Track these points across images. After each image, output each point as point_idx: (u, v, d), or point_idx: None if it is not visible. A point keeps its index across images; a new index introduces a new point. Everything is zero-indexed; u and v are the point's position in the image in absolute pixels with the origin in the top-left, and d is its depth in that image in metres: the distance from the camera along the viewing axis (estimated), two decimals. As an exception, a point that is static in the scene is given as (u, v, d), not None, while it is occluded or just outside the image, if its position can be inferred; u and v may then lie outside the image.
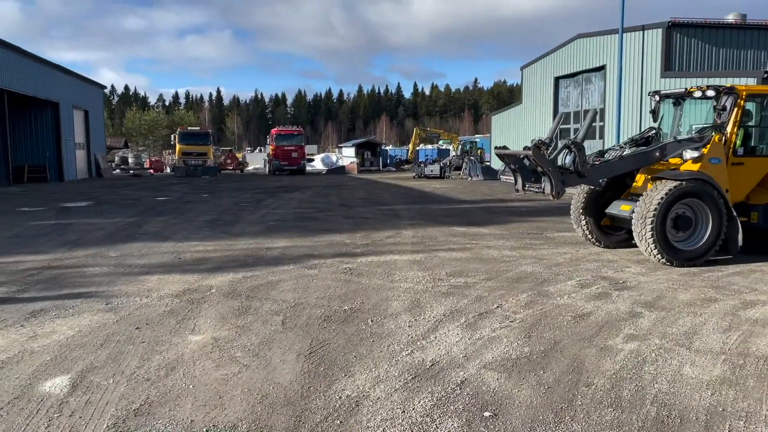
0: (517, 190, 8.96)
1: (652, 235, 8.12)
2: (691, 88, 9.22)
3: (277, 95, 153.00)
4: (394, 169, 46.52)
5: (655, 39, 24.42)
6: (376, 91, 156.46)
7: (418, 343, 5.20)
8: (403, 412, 3.91)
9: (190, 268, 8.41)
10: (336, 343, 5.21)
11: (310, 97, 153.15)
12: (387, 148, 61.69)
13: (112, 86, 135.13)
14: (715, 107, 8.83)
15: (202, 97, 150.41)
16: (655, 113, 9.78)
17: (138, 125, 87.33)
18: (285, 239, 10.96)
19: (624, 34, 23.10)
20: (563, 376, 4.50)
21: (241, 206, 17.40)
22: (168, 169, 48.20)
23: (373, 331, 5.55)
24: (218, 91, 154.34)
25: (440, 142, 57.43)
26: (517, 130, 35.91)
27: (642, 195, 8.50)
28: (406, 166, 46.37)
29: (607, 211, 9.30)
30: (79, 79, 36.54)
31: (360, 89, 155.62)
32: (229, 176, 39.09)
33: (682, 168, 8.62)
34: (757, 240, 9.08)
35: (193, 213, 15.55)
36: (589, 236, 9.81)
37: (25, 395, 4.13)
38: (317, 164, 51.22)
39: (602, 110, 26.91)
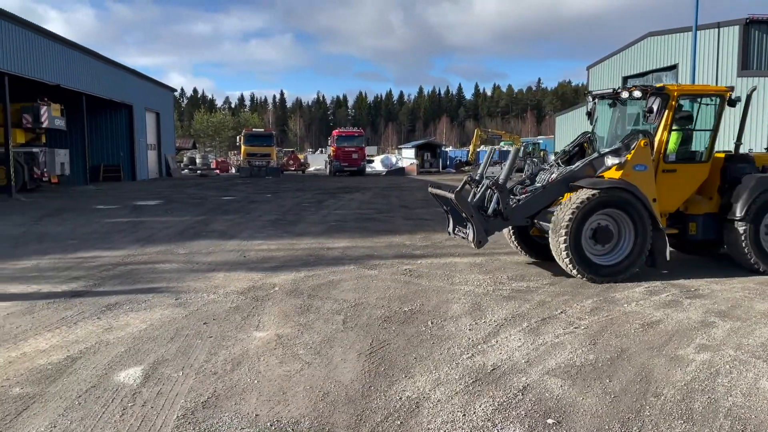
0: (449, 233, 8.42)
1: (565, 248, 7.32)
2: (619, 88, 8.45)
3: (338, 97, 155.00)
4: (454, 171, 46.24)
5: (731, 36, 23.32)
6: (437, 92, 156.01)
7: (479, 347, 5.16)
8: (464, 415, 3.88)
9: (254, 266, 8.63)
10: (396, 344, 5.22)
11: (370, 98, 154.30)
12: (447, 149, 61.34)
13: (182, 89, 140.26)
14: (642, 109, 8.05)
15: (266, 100, 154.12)
16: (590, 115, 8.95)
17: (205, 127, 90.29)
18: (345, 239, 11.08)
19: (698, 32, 22.15)
20: (630, 386, 4.36)
21: (303, 206, 17.71)
22: (233, 170, 49.60)
23: (433, 333, 5.54)
24: (281, 94, 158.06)
25: (501, 144, 56.69)
26: (582, 130, 35.05)
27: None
28: (466, 168, 45.99)
29: (535, 220, 8.12)
30: (151, 83, 38.12)
31: (420, 90, 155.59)
32: (291, 177, 39.85)
33: (607, 176, 7.79)
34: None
35: (257, 212, 15.94)
36: (517, 247, 9.04)
37: (101, 384, 4.34)
38: (377, 165, 51.53)
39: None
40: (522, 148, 9.27)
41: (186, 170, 48.46)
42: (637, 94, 7.96)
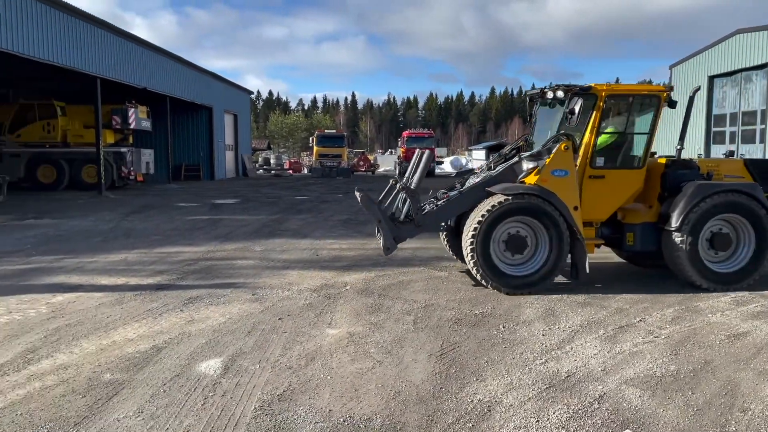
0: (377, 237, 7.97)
1: (473, 255, 6.95)
2: (546, 87, 7.81)
3: (408, 98, 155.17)
4: (526, 173, 45.32)
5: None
6: (509, 92, 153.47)
7: (553, 353, 5.06)
8: (537, 421, 3.82)
9: (326, 264, 8.80)
10: (467, 347, 5.20)
11: (441, 99, 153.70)
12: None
13: (258, 92, 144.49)
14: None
15: (337, 101, 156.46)
16: (530, 117, 8.34)
17: (280, 128, 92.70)
18: (415, 241, 11.06)
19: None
20: (715, 399, 4.16)
21: (374, 207, 17.84)
22: (305, 170, 50.68)
23: (505, 337, 5.47)
24: (353, 95, 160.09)
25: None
26: (663, 133, 33.59)
27: None
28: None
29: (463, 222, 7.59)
30: (230, 85, 39.51)
31: (492, 91, 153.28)
32: (362, 177, 40.28)
33: (527, 181, 7.28)
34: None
35: (329, 212, 16.24)
36: (448, 248, 8.65)
37: (184, 374, 4.55)
38: (446, 167, 51.26)
39: (764, 111, 24.40)
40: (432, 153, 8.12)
41: (261, 170, 49.90)
42: (559, 94, 7.50)
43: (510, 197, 6.95)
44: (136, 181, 25.97)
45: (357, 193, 7.67)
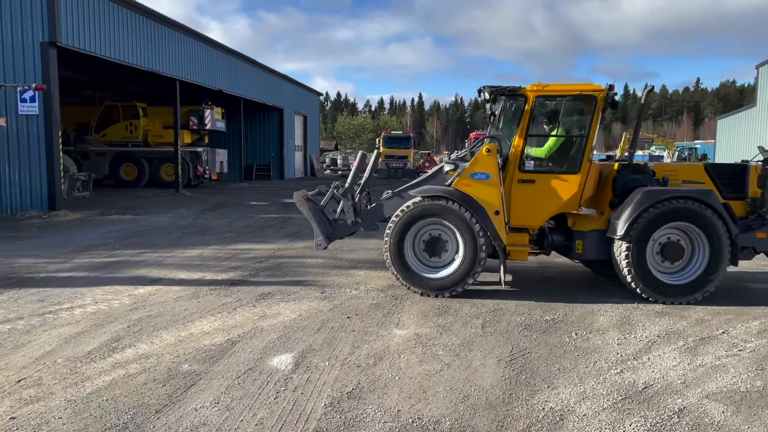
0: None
1: (388, 255, 6.94)
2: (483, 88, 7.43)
3: (476, 99, 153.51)
4: (598, 176, 43.95)
5: None
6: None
7: (629, 363, 4.88)
8: (612, 433, 3.70)
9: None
10: (537, 353, 5.10)
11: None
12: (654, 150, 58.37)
13: (326, 93, 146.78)
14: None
15: (404, 102, 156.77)
16: (491, 117, 7.90)
17: (347, 129, 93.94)
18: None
19: None
20: (808, 421, 3.89)
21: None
22: (372, 171, 50.95)
23: (578, 345, 5.33)
24: (420, 96, 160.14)
25: (652, 148, 53.03)
26: (748, 136, 31.80)
27: None
28: (611, 173, 43.60)
29: None
30: (300, 87, 40.35)
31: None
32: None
33: (453, 184, 7.09)
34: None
35: (395, 213, 16.28)
36: None
37: (257, 367, 4.68)
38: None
39: None
40: (376, 158, 8.03)
41: (328, 170, 50.69)
42: (486, 95, 7.25)
43: (423, 199, 6.96)
44: (210, 179, 26.94)
45: (294, 193, 7.83)
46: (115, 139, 25.67)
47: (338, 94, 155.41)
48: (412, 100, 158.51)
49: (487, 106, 7.81)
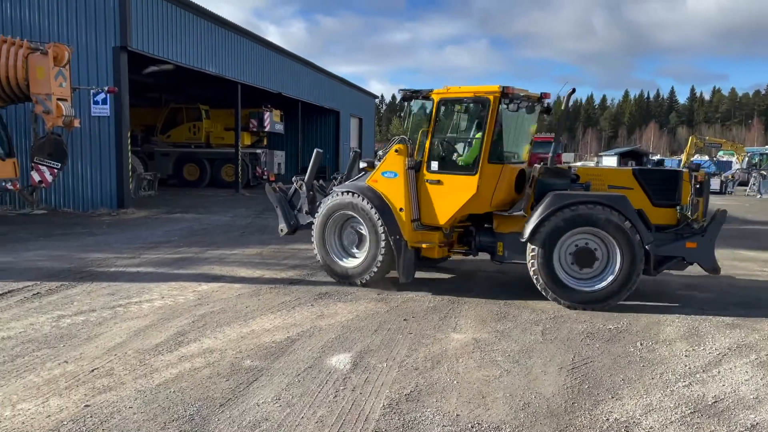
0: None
1: (315, 247, 7.82)
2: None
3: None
4: (661, 182, 42.43)
5: None
6: (645, 96, 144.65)
7: (697, 376, 4.69)
8: (681, 448, 3.56)
9: (449, 267, 8.78)
10: (601, 362, 4.96)
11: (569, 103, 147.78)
12: (654, 157, 56.57)
13: (382, 96, 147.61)
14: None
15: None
16: (409, 117, 8.01)
17: (401, 132, 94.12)
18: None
19: None
20: None
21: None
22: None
23: (643, 355, 5.16)
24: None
25: (720, 153, 50.86)
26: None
27: None
28: (675, 179, 42.01)
29: None
30: (356, 90, 40.66)
31: (626, 95, 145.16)
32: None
33: (367, 181, 7.63)
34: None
35: (451, 216, 16.19)
36: None
37: (317, 366, 4.75)
38: (573, 173, 49.13)
39: None
40: (318, 158, 8.69)
41: (383, 173, 50.79)
42: (398, 97, 7.64)
43: (338, 194, 7.60)
44: (268, 180, 27.50)
45: (266, 185, 8.86)
46: (179, 141, 26.54)
47: (393, 97, 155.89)
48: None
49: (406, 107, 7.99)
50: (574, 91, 7.64)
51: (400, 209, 7.27)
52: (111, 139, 15.64)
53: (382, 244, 7.23)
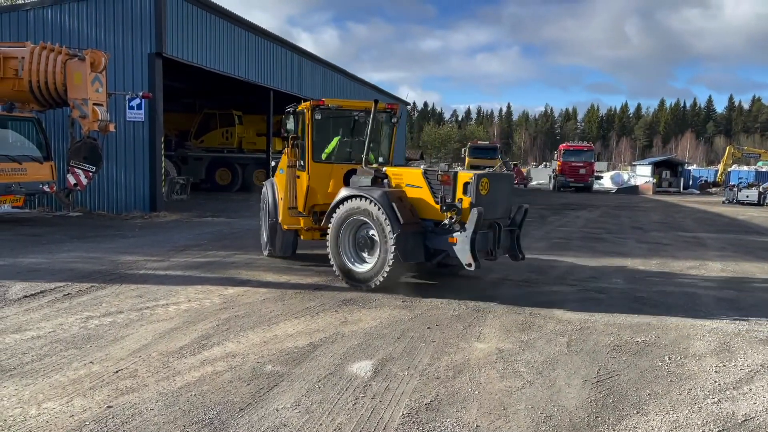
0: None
1: None
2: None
3: (567, 110, 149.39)
4: (698, 192, 41.55)
5: None
6: (681, 104, 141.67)
7: (728, 393, 4.55)
8: (708, 468, 3.45)
9: (474, 276, 8.70)
10: (627, 376, 4.85)
11: (602, 111, 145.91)
12: (690, 168, 55.39)
13: (414, 103, 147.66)
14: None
15: (492, 112, 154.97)
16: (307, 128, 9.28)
17: (433, 139, 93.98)
18: (570, 258, 10.63)
19: None
20: None
21: (526, 221, 17.36)
22: (457, 181, 50.63)
23: (671, 370, 5.02)
24: (508, 107, 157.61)
25: (759, 163, 49.52)
26: None
27: None
28: (712, 189, 41.08)
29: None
30: (389, 97, 40.79)
31: (662, 103, 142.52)
32: (514, 190, 39.41)
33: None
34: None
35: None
36: None
37: (337, 372, 4.74)
38: (605, 182, 48.50)
39: None
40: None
41: (413, 179, 50.71)
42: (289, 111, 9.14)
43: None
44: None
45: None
46: (212, 145, 26.97)
47: (425, 104, 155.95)
48: (500, 110, 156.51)
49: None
50: (376, 102, 8.61)
51: (280, 198, 9.14)
52: (145, 143, 15.97)
53: (267, 225, 9.57)
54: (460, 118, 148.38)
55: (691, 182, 46.32)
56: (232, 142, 27.01)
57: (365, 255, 7.74)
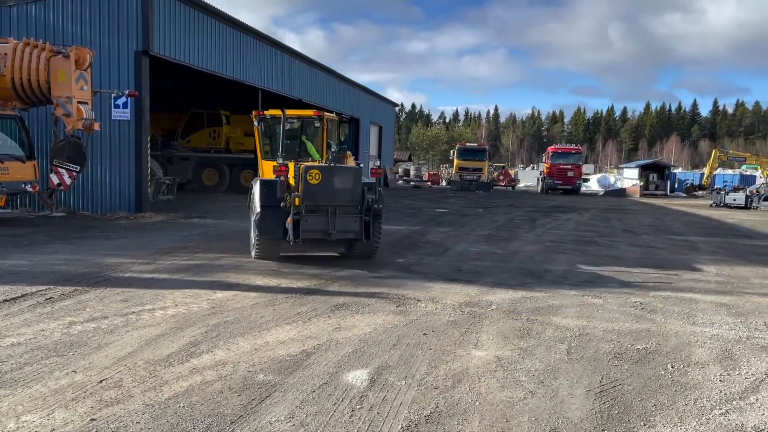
0: None
1: None
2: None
3: (554, 113, 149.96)
4: (684, 195, 41.82)
5: None
6: (666, 108, 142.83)
7: (734, 403, 4.42)
8: (722, 484, 3.31)
9: (469, 280, 8.56)
10: (630, 385, 4.71)
11: (589, 114, 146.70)
12: (676, 171, 55.78)
13: (402, 104, 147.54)
14: None
15: (479, 114, 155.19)
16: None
17: (421, 140, 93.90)
18: (565, 262, 10.52)
19: None
20: None
21: (516, 224, 17.32)
22: (444, 183, 50.69)
23: (675, 379, 4.89)
24: (495, 108, 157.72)
25: (743, 167, 49.94)
26: None
27: None
28: (698, 192, 41.34)
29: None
30: (377, 98, 40.63)
31: (647, 107, 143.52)
32: (501, 192, 39.49)
33: None
34: None
35: (470, 226, 15.97)
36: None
37: (332, 382, 4.55)
38: (592, 185, 48.71)
39: None
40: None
41: (400, 181, 50.64)
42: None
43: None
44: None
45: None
46: (198, 146, 26.61)
47: (413, 105, 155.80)
48: (488, 112, 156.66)
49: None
50: (283, 110, 10.72)
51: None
52: (131, 143, 15.65)
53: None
54: (447, 120, 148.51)
55: (677, 185, 46.60)
56: (220, 142, 26.66)
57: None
